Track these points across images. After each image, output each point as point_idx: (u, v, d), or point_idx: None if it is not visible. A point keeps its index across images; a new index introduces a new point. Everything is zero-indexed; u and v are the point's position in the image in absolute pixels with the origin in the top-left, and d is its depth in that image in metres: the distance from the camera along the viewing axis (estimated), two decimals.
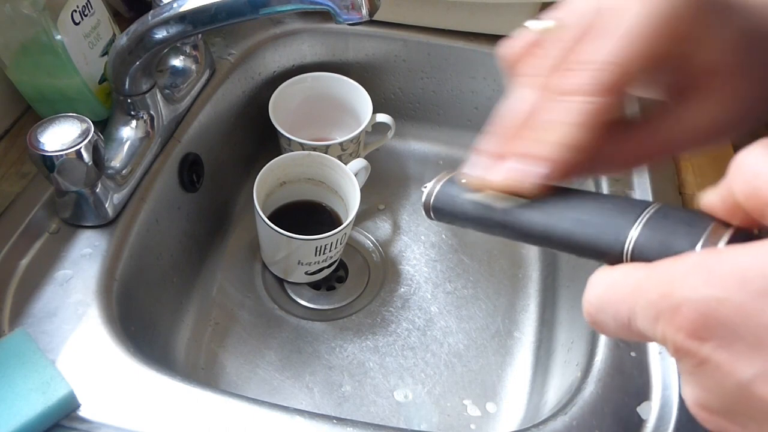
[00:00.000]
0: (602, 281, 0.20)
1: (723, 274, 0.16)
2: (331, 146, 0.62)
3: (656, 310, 0.17)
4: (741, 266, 0.16)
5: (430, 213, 0.26)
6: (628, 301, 0.18)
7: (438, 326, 0.61)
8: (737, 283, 0.15)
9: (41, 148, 0.42)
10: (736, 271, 0.16)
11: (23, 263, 0.46)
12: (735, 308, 0.15)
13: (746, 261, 0.16)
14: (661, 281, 0.17)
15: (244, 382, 0.55)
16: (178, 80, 0.60)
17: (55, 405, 0.37)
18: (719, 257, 0.16)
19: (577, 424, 0.40)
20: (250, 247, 0.66)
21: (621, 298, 0.19)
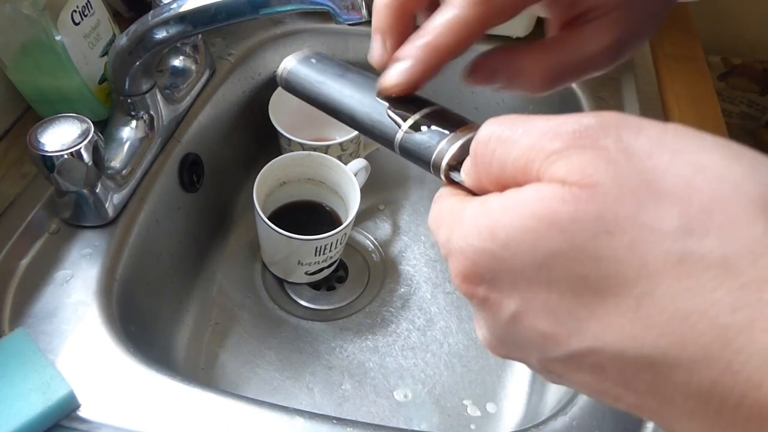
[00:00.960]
0: (433, 209, 0.22)
1: (482, 226, 0.18)
2: (331, 146, 0.62)
3: (444, 252, 0.20)
4: (494, 218, 0.18)
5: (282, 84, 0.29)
6: (437, 237, 0.21)
7: (438, 326, 0.61)
8: (490, 234, 0.18)
9: (41, 148, 0.42)
10: (490, 222, 0.18)
11: (23, 263, 0.46)
12: (492, 256, 0.18)
13: (497, 214, 0.18)
14: (449, 225, 0.20)
15: (244, 382, 0.55)
16: (178, 80, 0.60)
17: (55, 405, 0.37)
18: (484, 208, 0.18)
19: (577, 424, 0.40)
20: (250, 247, 0.66)
21: (434, 232, 0.21)
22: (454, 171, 0.22)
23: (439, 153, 0.22)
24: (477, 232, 0.18)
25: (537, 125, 0.18)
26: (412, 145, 0.24)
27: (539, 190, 0.17)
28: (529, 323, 0.18)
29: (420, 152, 0.23)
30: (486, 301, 0.19)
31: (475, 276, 0.19)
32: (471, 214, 0.19)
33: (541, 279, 0.17)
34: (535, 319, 0.18)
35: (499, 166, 0.19)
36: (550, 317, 0.18)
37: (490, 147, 0.19)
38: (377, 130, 0.25)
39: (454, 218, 0.20)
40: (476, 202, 0.19)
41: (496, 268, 0.18)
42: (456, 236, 0.19)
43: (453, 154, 0.22)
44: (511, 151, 0.18)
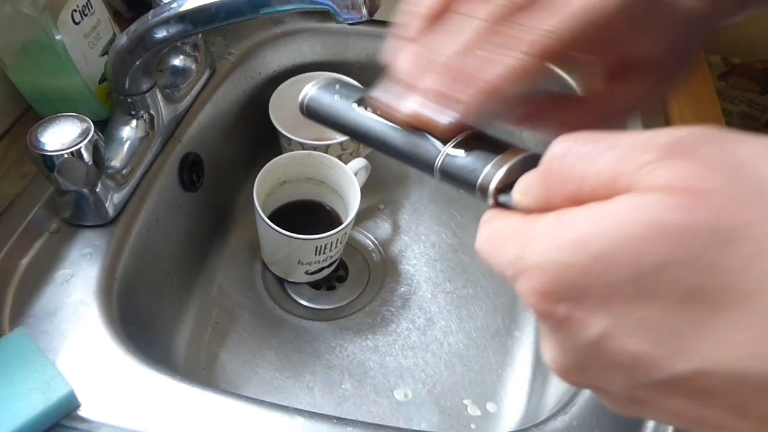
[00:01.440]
0: (484, 232, 0.21)
1: (567, 237, 0.17)
2: (331, 146, 0.62)
3: (513, 272, 0.19)
4: (581, 230, 0.16)
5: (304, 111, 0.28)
6: (498, 260, 0.19)
7: (438, 326, 0.61)
8: (578, 247, 0.16)
9: (41, 147, 0.42)
10: (577, 234, 0.16)
11: (23, 263, 0.46)
12: (580, 271, 0.16)
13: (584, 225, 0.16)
14: (518, 243, 0.18)
15: (244, 382, 0.55)
16: (178, 80, 0.60)
17: (55, 405, 0.37)
18: (563, 222, 0.17)
19: (577, 424, 0.40)
20: (250, 246, 0.66)
21: (493, 254, 0.20)
22: (503, 194, 0.21)
23: (486, 176, 0.22)
24: (558, 246, 0.17)
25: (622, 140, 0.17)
26: (455, 169, 0.23)
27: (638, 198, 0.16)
28: (620, 344, 0.17)
29: (464, 176, 0.22)
30: (567, 320, 0.17)
31: (556, 293, 0.17)
32: (547, 228, 0.18)
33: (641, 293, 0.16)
34: (627, 340, 0.16)
35: (578, 181, 0.17)
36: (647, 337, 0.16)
37: (568, 161, 0.18)
38: (413, 154, 0.24)
39: (524, 235, 0.18)
40: (550, 216, 0.18)
41: (584, 283, 0.17)
42: (531, 252, 0.18)
43: (502, 176, 0.21)
44: (594, 165, 0.17)
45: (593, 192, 0.17)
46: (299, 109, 0.28)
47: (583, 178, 0.17)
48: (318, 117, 0.28)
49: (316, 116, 0.28)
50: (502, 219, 0.20)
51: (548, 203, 0.19)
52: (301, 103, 0.28)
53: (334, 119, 0.27)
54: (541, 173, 0.19)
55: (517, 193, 0.20)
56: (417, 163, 0.24)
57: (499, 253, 0.19)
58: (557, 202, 0.18)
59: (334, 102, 0.27)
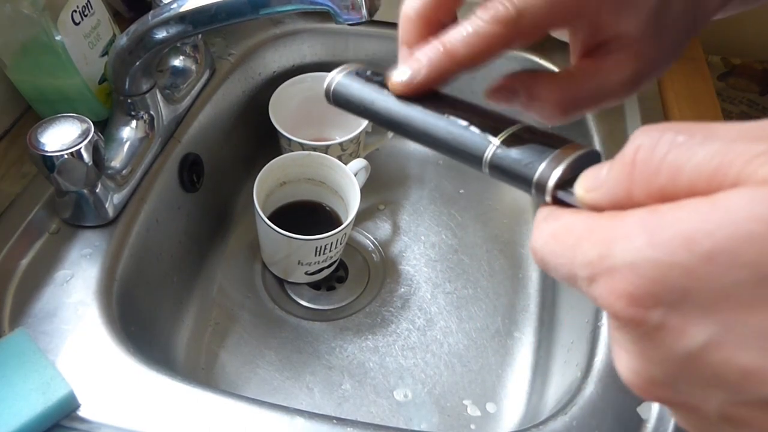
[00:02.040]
0: (546, 230, 0.19)
1: (668, 234, 0.15)
2: (331, 146, 0.62)
3: (592, 271, 0.17)
4: (686, 227, 0.15)
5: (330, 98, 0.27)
6: (568, 259, 0.18)
7: (438, 326, 0.61)
8: (684, 245, 0.15)
9: (41, 148, 0.42)
10: (681, 231, 0.15)
11: (23, 263, 0.46)
12: (685, 272, 0.15)
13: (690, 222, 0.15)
14: (600, 240, 0.17)
15: (244, 382, 0.55)
16: (178, 80, 0.60)
17: (55, 405, 0.37)
18: (661, 216, 0.16)
19: (577, 424, 0.40)
20: (250, 247, 0.66)
21: (561, 253, 0.18)
22: (562, 190, 0.20)
23: (544, 171, 0.20)
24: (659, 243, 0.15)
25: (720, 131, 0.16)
26: (508, 162, 0.22)
27: (755, 193, 0.14)
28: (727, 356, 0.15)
29: (518, 170, 0.21)
30: (661, 328, 0.16)
31: (652, 297, 0.15)
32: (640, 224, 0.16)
33: (761, 298, 0.14)
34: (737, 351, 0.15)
35: (671, 173, 0.16)
36: (762, 347, 0.14)
37: (659, 152, 0.16)
38: (459, 144, 0.23)
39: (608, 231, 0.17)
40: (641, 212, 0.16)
41: (688, 286, 0.15)
42: (620, 250, 0.16)
43: (562, 172, 0.20)
44: (693, 155, 0.15)
45: (690, 186, 0.15)
46: (325, 98, 0.27)
47: (677, 171, 0.16)
48: (347, 104, 0.26)
49: (345, 104, 0.27)
50: (571, 215, 0.18)
51: (629, 199, 0.17)
52: (327, 89, 0.27)
53: (366, 107, 0.26)
54: (623, 165, 0.17)
55: (580, 189, 0.19)
56: (463, 154, 0.23)
57: (571, 252, 0.17)
58: (640, 198, 0.17)
59: (366, 88, 0.26)
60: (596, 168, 0.19)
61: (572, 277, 0.18)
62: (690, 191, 0.15)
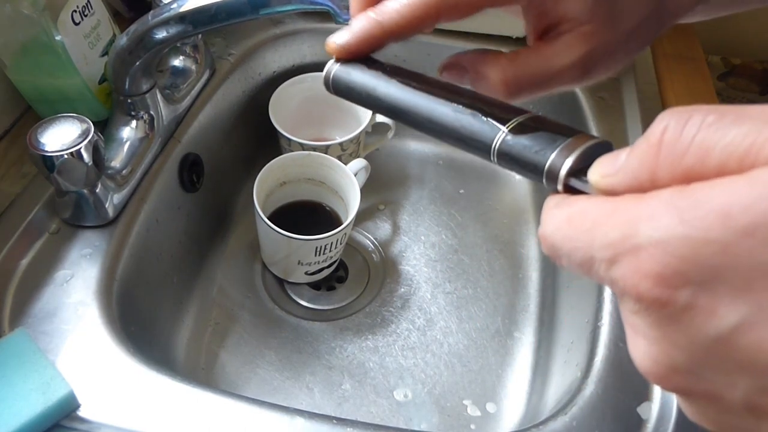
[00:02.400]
0: (558, 215, 0.18)
1: (701, 211, 0.14)
2: (331, 146, 0.62)
3: (614, 252, 0.16)
4: (721, 202, 0.14)
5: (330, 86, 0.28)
6: (585, 242, 0.17)
7: (438, 326, 0.61)
8: (719, 221, 0.14)
9: (41, 148, 0.42)
10: (716, 207, 0.14)
11: (23, 263, 0.46)
12: (719, 248, 0.14)
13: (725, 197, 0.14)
14: (624, 220, 0.16)
15: (244, 382, 0.55)
16: (178, 80, 0.60)
17: (55, 405, 0.37)
18: (692, 193, 0.15)
19: (577, 424, 0.40)
20: (250, 247, 0.66)
21: (576, 237, 0.17)
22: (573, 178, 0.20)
23: (555, 159, 0.20)
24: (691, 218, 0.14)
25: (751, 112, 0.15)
26: (518, 150, 0.21)
27: None
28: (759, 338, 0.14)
29: (528, 158, 0.21)
30: (689, 309, 0.15)
31: (681, 276, 0.15)
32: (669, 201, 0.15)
33: None
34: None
35: (701, 154, 0.15)
36: None
37: (688, 132, 0.15)
38: (467, 131, 0.23)
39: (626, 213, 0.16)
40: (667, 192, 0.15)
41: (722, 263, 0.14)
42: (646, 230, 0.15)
43: (575, 159, 0.20)
44: (723, 136, 0.15)
45: (721, 167, 0.15)
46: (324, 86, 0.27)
47: (707, 151, 0.15)
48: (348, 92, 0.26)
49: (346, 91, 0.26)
50: (587, 200, 0.18)
51: (652, 182, 0.16)
52: (326, 78, 0.27)
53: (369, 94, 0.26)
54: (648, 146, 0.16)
55: (596, 174, 0.18)
56: (470, 143, 0.23)
57: (588, 236, 0.17)
58: (665, 180, 0.16)
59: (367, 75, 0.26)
60: (613, 154, 0.18)
61: (588, 262, 0.17)
62: (720, 172, 0.15)
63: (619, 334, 0.45)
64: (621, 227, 0.16)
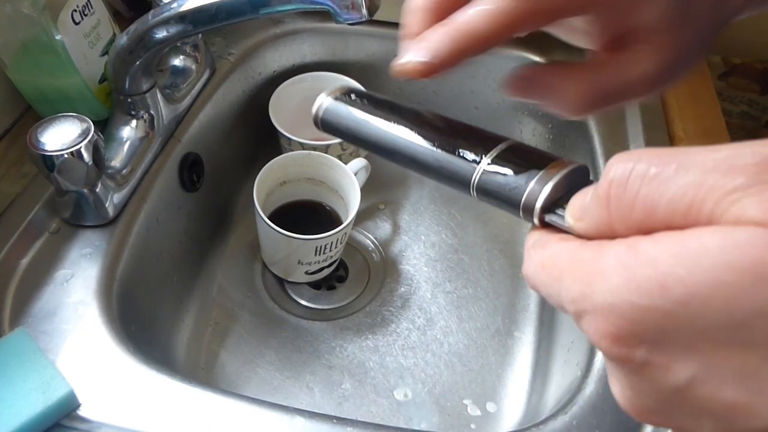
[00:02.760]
0: (535, 258, 0.19)
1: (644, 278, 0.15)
2: (331, 146, 0.62)
3: (576, 309, 0.17)
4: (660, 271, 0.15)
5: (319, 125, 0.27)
6: (555, 292, 0.18)
7: (438, 326, 0.61)
8: (658, 290, 0.15)
9: (41, 147, 0.42)
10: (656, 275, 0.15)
11: (23, 263, 0.46)
12: (662, 315, 0.15)
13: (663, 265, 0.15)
14: (581, 278, 0.17)
15: (244, 382, 0.55)
16: (178, 80, 0.60)
17: (55, 404, 0.37)
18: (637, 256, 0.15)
19: (577, 424, 0.40)
20: (250, 247, 0.66)
21: (549, 284, 0.18)
22: (550, 213, 0.20)
23: (530, 194, 0.20)
24: (635, 286, 0.15)
25: (697, 159, 0.15)
26: (495, 186, 0.21)
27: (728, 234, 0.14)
28: (711, 392, 0.15)
29: (504, 194, 0.21)
30: (647, 365, 0.16)
31: (633, 337, 0.16)
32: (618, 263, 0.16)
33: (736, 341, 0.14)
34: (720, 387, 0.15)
35: (647, 209, 0.16)
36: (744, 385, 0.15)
37: (632, 187, 0.16)
38: (445, 170, 0.23)
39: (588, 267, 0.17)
40: (619, 248, 0.16)
41: (667, 327, 0.15)
42: (599, 291, 0.16)
43: (548, 195, 0.20)
44: (665, 190, 0.15)
45: (666, 222, 0.15)
46: (314, 123, 0.27)
47: (652, 207, 0.16)
48: (335, 130, 0.26)
49: (334, 130, 0.27)
50: (557, 244, 0.18)
51: (611, 231, 0.17)
52: (315, 116, 0.27)
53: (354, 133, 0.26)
54: (600, 198, 0.17)
55: (570, 218, 0.19)
56: (450, 179, 0.23)
57: (557, 285, 0.18)
58: (621, 231, 0.17)
59: (353, 114, 0.26)
60: (582, 194, 0.19)
61: (562, 308, 0.18)
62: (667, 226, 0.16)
63: None
64: (578, 284, 0.17)
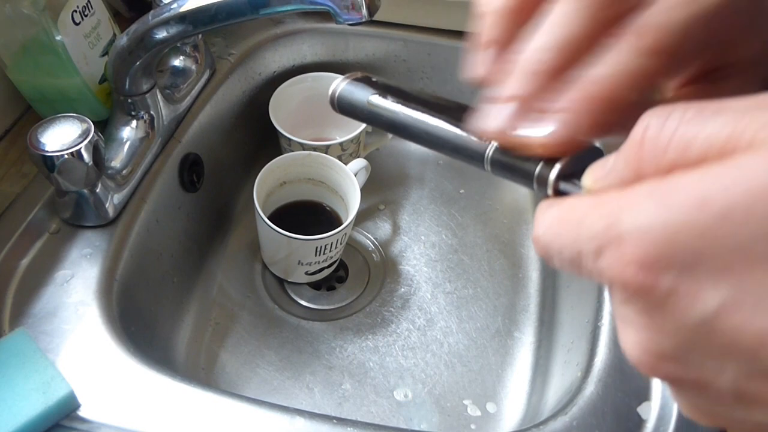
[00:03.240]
0: (549, 215, 0.18)
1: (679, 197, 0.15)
2: (331, 146, 0.62)
3: (599, 243, 0.16)
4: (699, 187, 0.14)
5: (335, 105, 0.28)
6: (572, 238, 0.17)
7: (438, 326, 0.61)
8: (697, 205, 0.14)
9: (41, 148, 0.42)
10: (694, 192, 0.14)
11: (23, 263, 0.46)
12: (698, 232, 0.14)
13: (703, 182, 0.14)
14: (608, 212, 0.16)
15: (244, 382, 0.55)
16: (178, 80, 0.60)
17: (55, 405, 0.37)
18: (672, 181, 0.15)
19: (577, 424, 0.40)
20: (250, 247, 0.66)
21: (565, 233, 0.17)
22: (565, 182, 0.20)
23: (545, 164, 0.20)
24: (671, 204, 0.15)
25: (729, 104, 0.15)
26: (508, 158, 0.22)
27: None
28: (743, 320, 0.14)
29: (518, 165, 0.21)
30: (673, 293, 0.15)
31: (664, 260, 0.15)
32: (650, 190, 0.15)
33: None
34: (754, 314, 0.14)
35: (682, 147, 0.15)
36: None
37: (669, 128, 0.16)
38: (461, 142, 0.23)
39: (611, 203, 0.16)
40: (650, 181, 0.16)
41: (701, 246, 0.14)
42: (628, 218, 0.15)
43: (564, 163, 0.20)
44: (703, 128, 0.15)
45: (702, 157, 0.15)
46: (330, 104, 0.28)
47: (688, 144, 0.15)
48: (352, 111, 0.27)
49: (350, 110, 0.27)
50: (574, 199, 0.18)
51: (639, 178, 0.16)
52: (332, 96, 0.28)
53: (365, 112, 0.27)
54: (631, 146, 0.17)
55: (588, 180, 0.18)
56: (465, 153, 0.23)
57: (577, 228, 0.17)
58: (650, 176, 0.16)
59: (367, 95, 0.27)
60: (604, 159, 0.18)
61: (577, 257, 0.17)
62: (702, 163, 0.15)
63: None
64: (605, 218, 0.16)
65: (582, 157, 0.20)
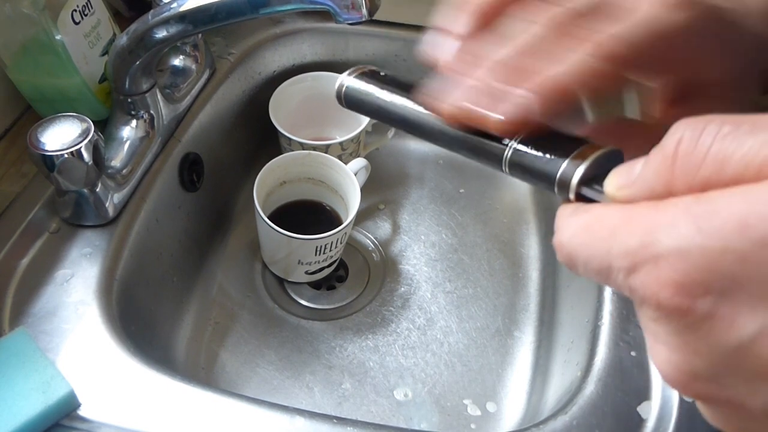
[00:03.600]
0: (574, 223, 0.18)
1: (719, 220, 0.14)
2: (332, 146, 0.62)
3: (633, 261, 0.16)
4: (739, 210, 0.14)
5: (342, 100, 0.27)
6: (603, 250, 0.17)
7: (438, 326, 0.61)
8: (737, 230, 0.14)
9: (41, 147, 0.42)
10: (734, 216, 0.14)
11: (23, 263, 0.46)
12: (738, 258, 0.14)
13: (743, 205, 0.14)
14: (642, 228, 0.16)
15: (244, 381, 0.55)
16: (178, 80, 0.60)
17: (55, 404, 0.37)
18: (710, 202, 0.15)
19: (577, 424, 0.40)
20: (250, 246, 0.66)
21: (594, 244, 0.17)
22: (587, 187, 0.20)
23: (567, 167, 0.20)
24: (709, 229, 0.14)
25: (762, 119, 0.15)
26: (529, 159, 0.21)
27: None
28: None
29: (539, 167, 0.21)
30: (709, 317, 0.15)
31: (700, 285, 0.15)
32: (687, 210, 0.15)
33: None
34: None
35: (717, 165, 0.15)
36: None
37: (704, 144, 0.15)
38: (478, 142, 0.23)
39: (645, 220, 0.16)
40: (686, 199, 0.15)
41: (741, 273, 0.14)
42: (666, 237, 0.15)
43: (587, 167, 0.20)
44: (739, 146, 0.15)
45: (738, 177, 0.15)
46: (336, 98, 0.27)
47: (723, 162, 0.15)
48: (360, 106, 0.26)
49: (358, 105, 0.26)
50: (603, 207, 0.18)
51: (668, 193, 0.16)
52: (338, 91, 0.27)
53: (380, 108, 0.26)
54: (663, 158, 0.16)
55: (612, 186, 0.18)
56: (482, 154, 0.23)
57: (607, 242, 0.17)
58: (682, 192, 0.16)
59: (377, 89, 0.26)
60: (628, 164, 0.18)
61: (606, 270, 0.17)
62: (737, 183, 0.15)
63: (619, 333, 0.45)
64: (640, 235, 0.16)
65: (604, 160, 0.20)
